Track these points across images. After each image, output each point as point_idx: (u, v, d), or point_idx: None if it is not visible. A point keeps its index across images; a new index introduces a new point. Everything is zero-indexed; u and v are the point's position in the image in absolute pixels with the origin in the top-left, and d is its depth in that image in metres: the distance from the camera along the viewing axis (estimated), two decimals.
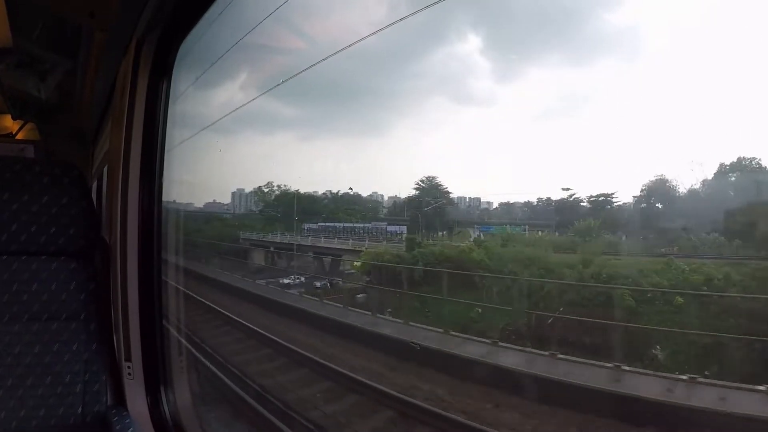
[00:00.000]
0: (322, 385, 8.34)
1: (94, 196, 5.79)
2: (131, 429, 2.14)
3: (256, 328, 10.58)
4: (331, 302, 11.90)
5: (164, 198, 2.67)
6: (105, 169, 4.09)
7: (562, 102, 11.98)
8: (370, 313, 10.90)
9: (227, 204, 22.68)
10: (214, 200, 22.08)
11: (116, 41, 2.63)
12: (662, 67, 8.81)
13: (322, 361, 8.80)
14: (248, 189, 21.35)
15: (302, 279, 15.04)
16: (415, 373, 8.16)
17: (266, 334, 10.25)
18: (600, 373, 7.12)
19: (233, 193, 22.03)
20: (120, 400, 2.39)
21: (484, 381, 7.53)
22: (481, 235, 13.63)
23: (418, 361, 8.45)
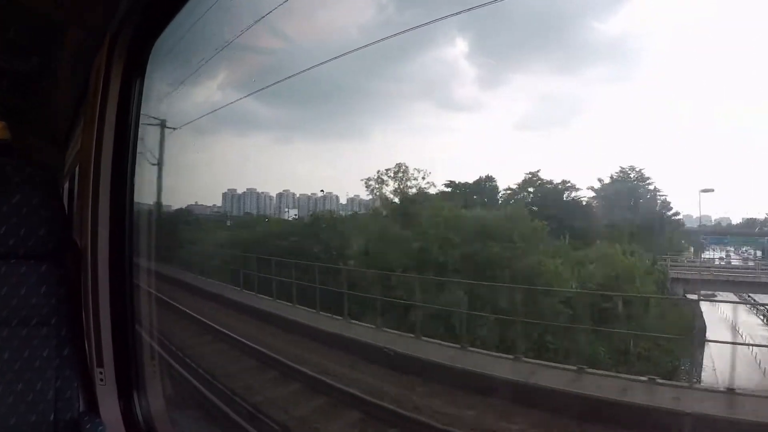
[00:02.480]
0: None
1: (65, 197, 5.67)
2: None
3: None
4: None
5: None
6: (76, 170, 4.01)
7: None
8: None
9: (215, 206, 20.60)
10: (196, 202, 20.01)
11: (90, 36, 2.58)
12: None
13: None
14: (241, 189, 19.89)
15: None
16: None
17: None
18: None
19: (224, 194, 20.33)
20: (92, 407, 2.33)
21: None
22: None
23: None
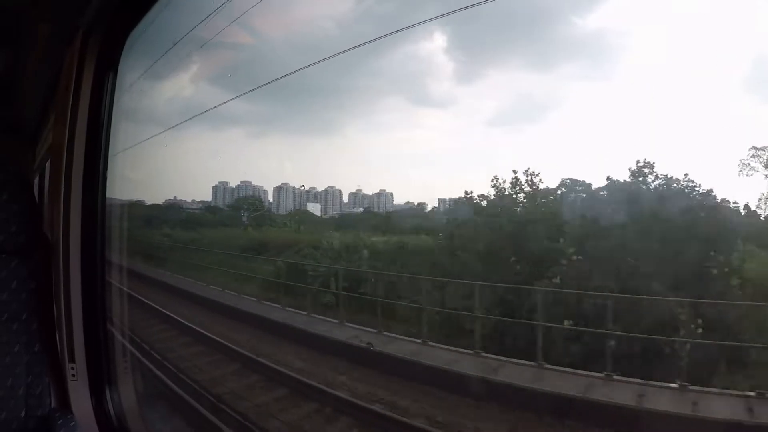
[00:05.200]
0: None
1: (36, 192, 5.58)
2: None
3: None
4: None
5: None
6: (47, 165, 3.95)
7: None
8: None
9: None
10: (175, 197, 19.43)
11: (61, 31, 2.55)
12: None
13: None
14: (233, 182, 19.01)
15: None
16: None
17: None
18: None
19: (215, 187, 19.62)
20: (64, 403, 2.32)
21: None
22: None
23: None
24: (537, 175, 10.96)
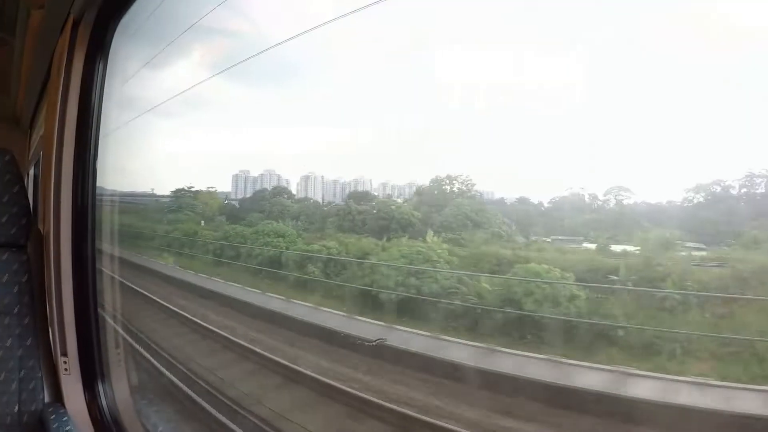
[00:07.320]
0: None
1: (30, 183, 5.56)
2: (69, 427, 2.06)
3: None
4: None
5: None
6: (41, 155, 3.93)
7: None
8: None
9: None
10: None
11: (53, 18, 2.51)
12: None
13: None
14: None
15: None
16: None
17: None
18: None
19: (235, 176, 18.56)
20: (57, 397, 2.30)
21: None
22: None
23: None
24: None
